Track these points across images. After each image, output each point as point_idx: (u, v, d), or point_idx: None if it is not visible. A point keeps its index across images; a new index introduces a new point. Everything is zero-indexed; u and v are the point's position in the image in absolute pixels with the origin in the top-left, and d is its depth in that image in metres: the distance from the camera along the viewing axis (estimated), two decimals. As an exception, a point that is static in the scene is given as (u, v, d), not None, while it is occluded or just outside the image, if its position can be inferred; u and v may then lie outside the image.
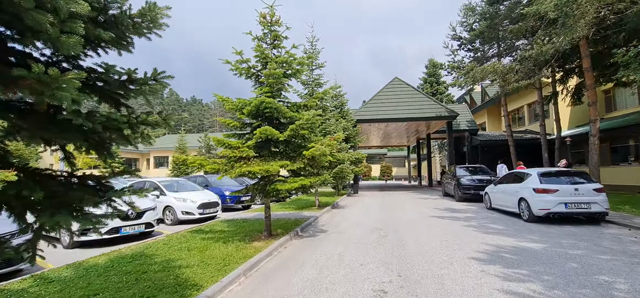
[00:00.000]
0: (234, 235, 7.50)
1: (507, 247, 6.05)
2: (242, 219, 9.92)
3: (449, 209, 11.69)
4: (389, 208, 12.30)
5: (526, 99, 26.69)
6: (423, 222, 8.94)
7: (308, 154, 6.38)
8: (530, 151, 21.69)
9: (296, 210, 12.07)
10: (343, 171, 11.98)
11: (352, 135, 18.82)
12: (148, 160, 48.81)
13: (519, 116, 29.20)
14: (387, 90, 22.06)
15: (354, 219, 9.90)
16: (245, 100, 6.78)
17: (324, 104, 12.90)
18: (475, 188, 13.72)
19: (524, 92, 25.58)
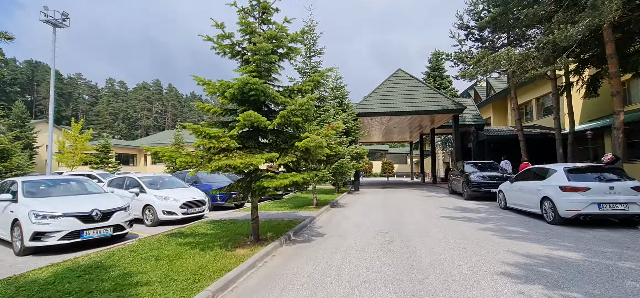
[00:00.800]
0: (216, 239, 6.48)
1: (539, 257, 5.02)
2: (230, 220, 8.91)
3: (459, 209, 10.66)
4: (393, 208, 11.28)
5: (535, 92, 25.59)
6: (433, 224, 7.92)
7: (301, 146, 5.34)
8: (540, 147, 20.64)
9: (292, 209, 11.06)
10: (343, 166, 10.96)
11: (353, 129, 17.78)
12: (145, 156, 47.89)
13: (526, 111, 28.09)
14: (390, 83, 20.98)
15: (355, 220, 8.88)
16: (227, 82, 5.74)
17: (322, 93, 11.84)
18: (485, 185, 12.68)
19: (532, 85, 24.52)
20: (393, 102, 19.79)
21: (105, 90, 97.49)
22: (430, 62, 41.68)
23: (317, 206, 11.51)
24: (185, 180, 13.12)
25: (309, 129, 6.40)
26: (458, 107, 18.92)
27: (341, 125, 5.93)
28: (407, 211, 10.33)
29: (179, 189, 9.80)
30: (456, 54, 18.63)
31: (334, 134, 5.68)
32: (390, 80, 21.11)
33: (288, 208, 11.35)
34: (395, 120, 22.88)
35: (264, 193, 5.52)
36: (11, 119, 44.64)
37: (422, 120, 23.83)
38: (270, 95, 5.76)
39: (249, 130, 5.98)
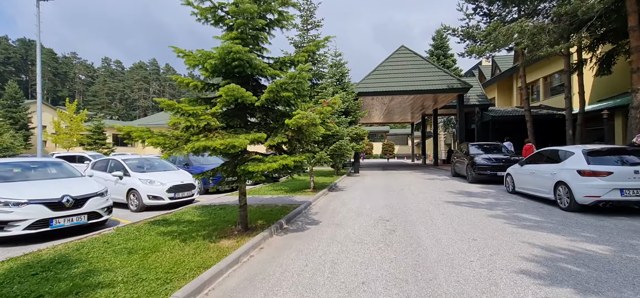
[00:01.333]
0: (201, 227, 5.92)
1: (561, 250, 4.43)
2: (220, 205, 8.35)
3: (464, 193, 10.09)
4: (394, 191, 10.71)
5: (542, 71, 24.63)
6: (437, 210, 7.34)
7: (291, 124, 4.66)
8: (547, 128, 19.94)
9: (287, 193, 10.49)
10: (342, 148, 10.31)
11: (353, 108, 17.03)
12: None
13: (533, 91, 27.14)
14: (393, 60, 20.03)
15: (354, 206, 8.31)
16: (208, 52, 5.00)
17: (320, 69, 11.03)
18: (491, 168, 12.06)
19: (540, 64, 23.52)
20: (395, 80, 18.93)
21: (102, 70, 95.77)
22: (434, 40, 40.30)
23: (314, 190, 10.94)
24: (177, 162, 12.53)
25: (303, 106, 5.70)
26: (464, 86, 18.08)
27: (339, 101, 5.23)
28: (409, 195, 9.76)
29: (166, 172, 9.20)
30: (463, 29, 17.62)
31: (330, 111, 5.00)
32: (393, 57, 20.15)
33: (283, 192, 10.78)
34: (397, 100, 22.05)
35: (250, 178, 4.89)
36: (4, 99, 43.77)
37: (425, 100, 23.00)
38: (258, 67, 5.03)
39: (234, 108, 5.29)
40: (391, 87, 18.68)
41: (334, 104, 5.13)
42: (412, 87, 18.46)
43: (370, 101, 21.68)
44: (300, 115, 4.58)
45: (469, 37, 18.42)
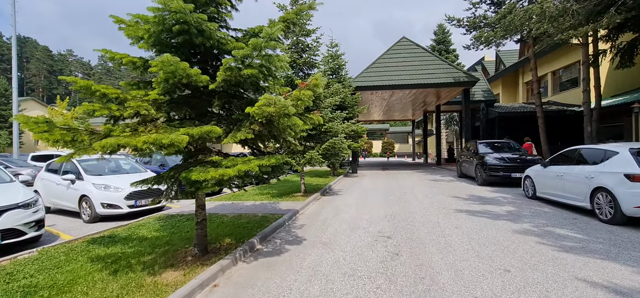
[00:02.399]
0: (151, 249, 4.60)
1: (637, 294, 3.12)
2: (190, 215, 7.02)
3: (475, 198, 8.77)
4: (396, 196, 9.39)
5: (551, 65, 23.32)
6: (449, 223, 6.02)
7: (255, 112, 3.34)
8: (558, 125, 18.65)
9: (273, 198, 9.17)
10: (335, 146, 8.98)
11: (351, 104, 15.69)
12: None
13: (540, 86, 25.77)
14: (393, 52, 18.68)
15: (349, 215, 6.99)
16: (144, 16, 3.67)
17: (311, 58, 9.69)
18: (505, 169, 10.74)
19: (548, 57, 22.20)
20: (396, 74, 17.58)
21: (99, 68, 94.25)
22: (436, 35, 38.92)
23: (305, 194, 9.62)
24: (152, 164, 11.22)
25: (279, 91, 4.36)
26: (470, 80, 16.74)
27: (321, 81, 3.88)
28: (413, 201, 8.44)
29: (131, 176, 7.87)
30: (469, 19, 16.28)
31: (310, 96, 3.66)
32: (394, 49, 18.80)
33: (269, 196, 9.46)
34: (398, 96, 20.72)
35: (197, 189, 3.55)
36: (-8, 95, 42.44)
37: (427, 95, 21.67)
38: (213, 38, 3.69)
39: (183, 94, 3.95)
40: (392, 81, 17.34)
41: (315, 86, 3.79)
42: (415, 80, 17.12)
43: (369, 96, 20.34)
44: (265, 102, 3.25)
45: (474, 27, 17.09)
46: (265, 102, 3.25)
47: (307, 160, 8.83)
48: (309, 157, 8.77)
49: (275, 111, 3.33)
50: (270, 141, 4.87)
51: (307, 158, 8.82)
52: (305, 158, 8.83)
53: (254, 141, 4.23)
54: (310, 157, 8.78)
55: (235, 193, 10.32)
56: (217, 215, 6.86)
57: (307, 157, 8.79)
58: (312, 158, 8.78)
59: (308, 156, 8.79)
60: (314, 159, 8.78)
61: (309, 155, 8.77)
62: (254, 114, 3.35)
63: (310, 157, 8.78)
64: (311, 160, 8.84)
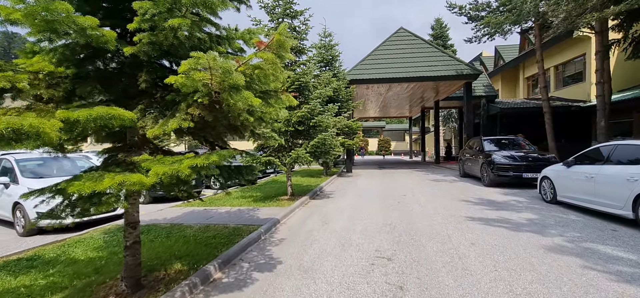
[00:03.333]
0: (67, 282, 3.41)
1: None
2: (149, 225, 5.81)
3: (486, 202, 7.67)
4: (395, 201, 8.26)
5: (554, 59, 22.37)
6: (463, 237, 4.89)
7: (181, 84, 2.15)
8: (563, 121, 17.69)
9: (254, 202, 7.97)
10: (326, 143, 7.81)
11: (345, 98, 14.54)
12: None
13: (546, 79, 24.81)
14: (391, 44, 17.54)
15: (340, 226, 5.83)
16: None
17: (300, 43, 8.49)
18: (515, 168, 9.65)
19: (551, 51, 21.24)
20: (394, 67, 16.45)
21: None
22: (433, 29, 37.87)
23: (292, 197, 8.45)
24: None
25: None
26: (472, 73, 15.67)
27: (286, 36, 2.68)
28: (415, 206, 7.31)
29: (82, 177, 6.63)
30: (472, 5, 15.17)
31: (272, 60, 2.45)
32: (391, 41, 17.65)
33: (250, 200, 8.27)
34: (395, 91, 19.61)
35: (94, 205, 2.36)
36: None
37: (425, 91, 20.61)
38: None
39: (99, 66, 2.75)
40: (389, 74, 16.20)
41: (280, 48, 2.56)
42: (414, 73, 16.00)
43: (365, 91, 19.20)
44: (193, 63, 2.05)
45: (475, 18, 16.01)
46: (192, 63, 2.05)
47: (293, 159, 7.66)
48: (295, 155, 7.60)
49: (215, 81, 2.14)
50: (230, 134, 3.67)
51: (294, 157, 7.65)
52: (291, 157, 7.65)
53: (200, 132, 3.03)
54: (297, 156, 7.61)
55: (212, 197, 9.11)
56: (180, 227, 5.66)
57: (294, 155, 7.62)
58: (299, 156, 7.61)
59: (294, 154, 7.62)
60: (301, 158, 7.61)
61: (296, 154, 7.60)
62: (180, 86, 2.15)
63: (296, 155, 7.60)
64: (298, 159, 7.67)
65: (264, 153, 8.69)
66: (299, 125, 7.99)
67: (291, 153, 7.65)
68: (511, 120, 20.50)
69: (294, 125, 7.92)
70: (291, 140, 8.78)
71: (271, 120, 3.18)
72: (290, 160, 7.65)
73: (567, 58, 20.93)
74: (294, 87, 7.96)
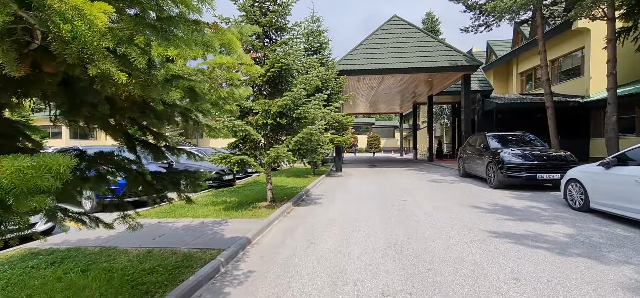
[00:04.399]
0: None
1: None
2: (69, 250, 4.27)
3: (502, 209, 6.44)
4: (394, 206, 6.94)
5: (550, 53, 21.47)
6: (501, 269, 3.58)
7: None
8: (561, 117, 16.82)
9: (224, 211, 6.48)
10: (312, 139, 6.39)
11: (335, 90, 13.16)
12: None
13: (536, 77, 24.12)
14: (384, 33, 16.24)
15: (330, 249, 4.44)
16: None
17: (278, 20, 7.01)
18: (529, 169, 8.48)
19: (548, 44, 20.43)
20: (387, 57, 15.16)
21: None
22: (424, 23, 36.92)
23: (272, 204, 7.01)
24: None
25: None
26: (472, 64, 14.54)
27: None
28: (420, 215, 6.01)
29: None
30: (471, -9, 14.01)
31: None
32: (384, 29, 16.35)
33: (221, 208, 6.79)
34: (388, 84, 18.36)
35: None
36: None
37: (418, 85, 19.47)
38: None
39: None
40: (382, 65, 14.90)
41: None
42: (409, 64, 14.76)
43: (356, 84, 17.87)
44: None
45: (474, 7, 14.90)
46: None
47: (271, 158, 6.21)
48: (274, 153, 6.16)
49: None
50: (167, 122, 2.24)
51: (273, 156, 6.20)
52: (270, 156, 6.21)
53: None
54: (277, 154, 6.17)
55: (176, 204, 7.58)
56: (112, 252, 4.16)
57: (272, 153, 6.17)
58: (279, 155, 6.17)
59: (273, 153, 6.18)
60: (282, 156, 6.17)
61: (275, 152, 6.16)
62: None
63: (276, 153, 6.16)
64: (278, 158, 6.23)
65: (239, 151, 7.24)
66: (281, 118, 6.55)
67: (270, 152, 6.20)
68: (508, 116, 19.62)
69: (273, 117, 6.48)
70: (272, 136, 7.34)
71: (206, 93, 1.75)
72: (268, 160, 6.20)
73: (565, 52, 20.14)
74: (273, 71, 6.51)
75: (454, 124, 27.96)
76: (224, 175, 10.70)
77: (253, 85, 7.35)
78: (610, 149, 11.15)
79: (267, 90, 7.21)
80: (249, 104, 6.40)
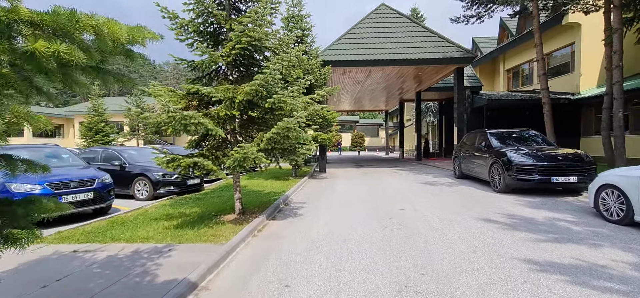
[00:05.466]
0: None
1: None
2: None
3: (523, 223, 5.25)
4: (393, 219, 5.62)
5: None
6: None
7: None
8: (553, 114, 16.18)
9: (177, 229, 4.92)
10: (290, 135, 4.92)
11: (319, 82, 11.78)
12: (74, 126, 38.43)
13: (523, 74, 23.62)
14: (370, 22, 14.97)
15: (310, 294, 3.04)
16: None
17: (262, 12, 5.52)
18: (541, 171, 7.37)
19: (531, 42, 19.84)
20: (376, 47, 13.88)
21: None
22: (409, 19, 36.06)
23: (240, 218, 5.52)
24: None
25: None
26: (467, 55, 13.50)
27: None
28: (428, 232, 4.71)
29: None
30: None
31: None
32: (371, 18, 15.07)
33: (173, 224, 5.23)
34: (376, 77, 17.13)
35: None
36: None
37: (406, 80, 18.39)
38: None
39: None
40: (370, 56, 13.62)
41: None
42: (398, 55, 13.55)
43: (341, 77, 16.54)
44: None
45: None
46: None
47: (236, 161, 4.71)
48: (239, 154, 4.66)
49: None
50: None
51: (238, 158, 4.71)
52: (233, 159, 4.71)
53: None
54: (243, 156, 4.68)
55: (117, 219, 5.94)
56: None
57: (237, 154, 4.68)
58: (247, 156, 4.68)
59: (239, 153, 4.68)
60: (250, 158, 4.69)
61: (241, 153, 4.66)
62: None
63: (242, 154, 4.67)
64: (244, 161, 4.74)
65: (198, 151, 5.71)
66: (250, 108, 5.07)
67: (234, 152, 4.71)
68: (497, 114, 18.90)
69: (241, 108, 5.00)
70: (242, 133, 5.85)
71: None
72: (232, 163, 4.71)
73: (554, 47, 19.63)
74: (240, 48, 5.02)
75: (440, 121, 27.20)
76: (188, 179, 9.07)
77: (215, 68, 5.84)
78: (617, 149, 10.36)
79: (233, 75, 5.70)
80: (207, 90, 4.87)
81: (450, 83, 20.87)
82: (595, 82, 17.78)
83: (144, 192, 8.60)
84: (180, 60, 5.58)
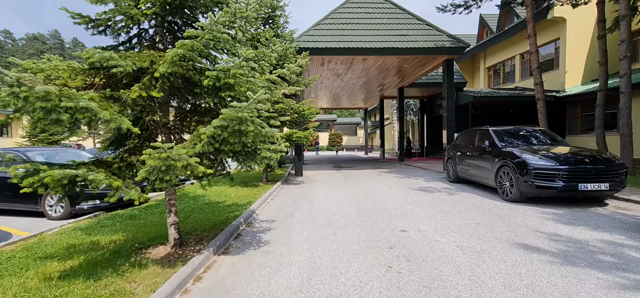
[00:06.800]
0: None
1: None
2: None
3: (579, 251, 3.77)
4: (394, 251, 3.98)
5: (520, 46, 20.48)
6: None
7: None
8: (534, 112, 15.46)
9: (63, 284, 2.99)
10: (244, 129, 3.10)
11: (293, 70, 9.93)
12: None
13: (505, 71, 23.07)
14: (353, 6, 13.36)
15: None
16: None
17: None
18: (566, 176, 6.00)
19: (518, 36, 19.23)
20: (358, 35, 12.29)
21: (-19, 42, 73.56)
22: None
23: (172, 254, 3.63)
24: None
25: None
26: (458, 45, 12.21)
27: None
28: (454, 276, 3.10)
29: None
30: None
31: None
32: (353, 2, 13.46)
33: (61, 271, 3.24)
34: (357, 70, 15.57)
35: None
36: None
37: (387, 75, 17.03)
38: None
39: None
40: (353, 43, 12.00)
41: None
42: (384, 44, 12.03)
43: (319, 69, 14.83)
44: None
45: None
46: None
47: (155, 169, 2.83)
48: (158, 161, 2.79)
49: None
50: None
51: (155, 167, 2.83)
52: (148, 167, 2.82)
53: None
54: (166, 163, 2.81)
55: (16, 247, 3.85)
56: None
57: (154, 161, 2.80)
58: (171, 163, 2.82)
59: (156, 159, 2.81)
60: (176, 165, 2.83)
61: (159, 159, 2.79)
62: None
63: (164, 159, 2.80)
64: (167, 170, 2.87)
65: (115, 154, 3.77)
66: (188, 90, 3.21)
67: (148, 157, 2.83)
68: (484, 112, 18.03)
69: (165, 85, 3.13)
70: (177, 128, 3.96)
71: None
72: (147, 174, 2.83)
73: (539, 43, 18.99)
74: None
75: (422, 120, 26.24)
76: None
77: (137, 33, 3.92)
78: (624, 149, 9.41)
79: (162, 38, 3.80)
80: (106, 55, 2.96)
81: (432, 79, 19.82)
82: (580, 79, 17.29)
83: (57, 208, 6.42)
84: (76, 15, 3.60)
